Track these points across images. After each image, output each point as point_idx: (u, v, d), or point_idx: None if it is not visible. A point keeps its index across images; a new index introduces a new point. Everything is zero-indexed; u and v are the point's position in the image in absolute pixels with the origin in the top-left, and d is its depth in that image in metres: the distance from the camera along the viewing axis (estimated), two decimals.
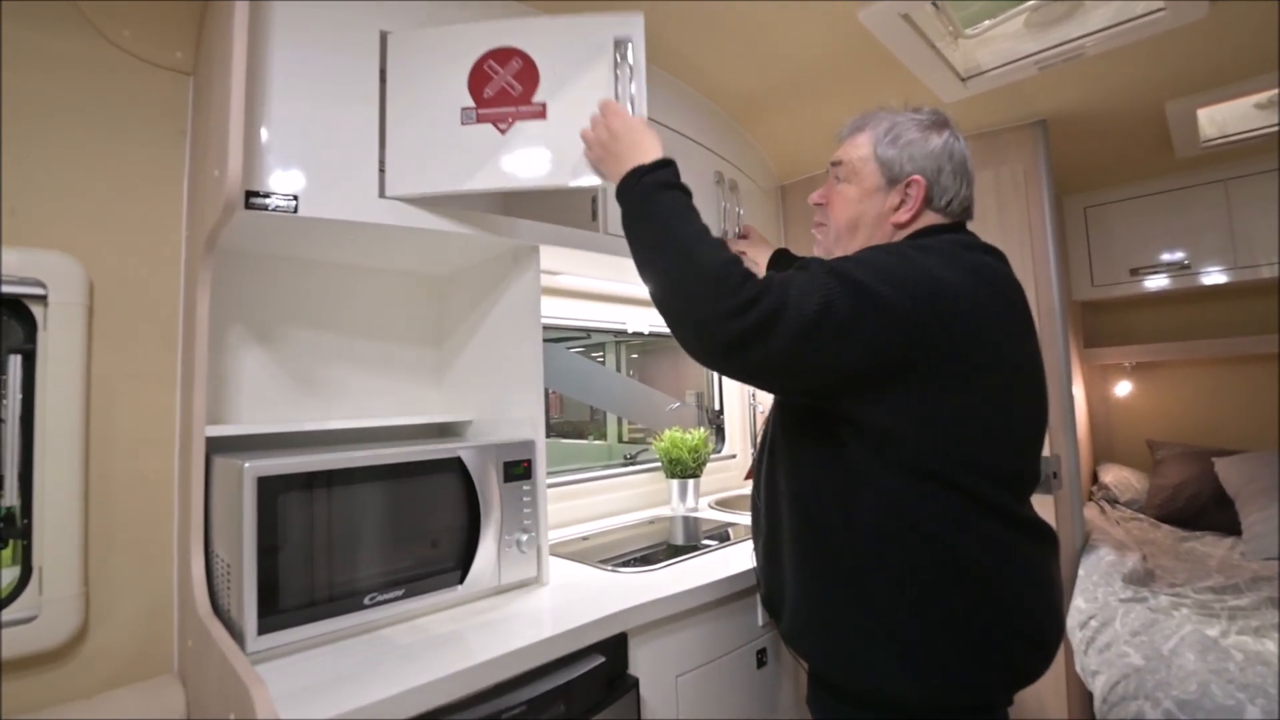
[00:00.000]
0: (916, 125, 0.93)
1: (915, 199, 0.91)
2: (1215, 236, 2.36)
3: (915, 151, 0.92)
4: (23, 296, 0.99)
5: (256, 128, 0.93)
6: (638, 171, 0.93)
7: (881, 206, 0.93)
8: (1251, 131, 2.02)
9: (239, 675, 0.74)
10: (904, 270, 0.79)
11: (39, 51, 1.03)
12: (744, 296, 0.75)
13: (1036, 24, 1.47)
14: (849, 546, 0.83)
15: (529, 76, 1.09)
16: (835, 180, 0.99)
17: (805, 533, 0.89)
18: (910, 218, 0.92)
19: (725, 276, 0.77)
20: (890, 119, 0.95)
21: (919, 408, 0.78)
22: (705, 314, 0.76)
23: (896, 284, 0.76)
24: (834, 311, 0.74)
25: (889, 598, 0.80)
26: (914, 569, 0.79)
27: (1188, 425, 2.71)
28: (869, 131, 0.96)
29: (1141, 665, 1.35)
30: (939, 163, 0.92)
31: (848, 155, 0.97)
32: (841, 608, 0.84)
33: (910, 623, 0.79)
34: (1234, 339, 2.46)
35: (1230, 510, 2.15)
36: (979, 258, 0.88)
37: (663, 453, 1.92)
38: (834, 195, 0.99)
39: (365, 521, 0.98)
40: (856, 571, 0.82)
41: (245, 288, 1.21)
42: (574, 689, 0.92)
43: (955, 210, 0.93)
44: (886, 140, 0.93)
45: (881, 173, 0.93)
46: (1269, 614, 1.45)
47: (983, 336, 0.80)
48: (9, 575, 0.99)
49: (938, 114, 0.96)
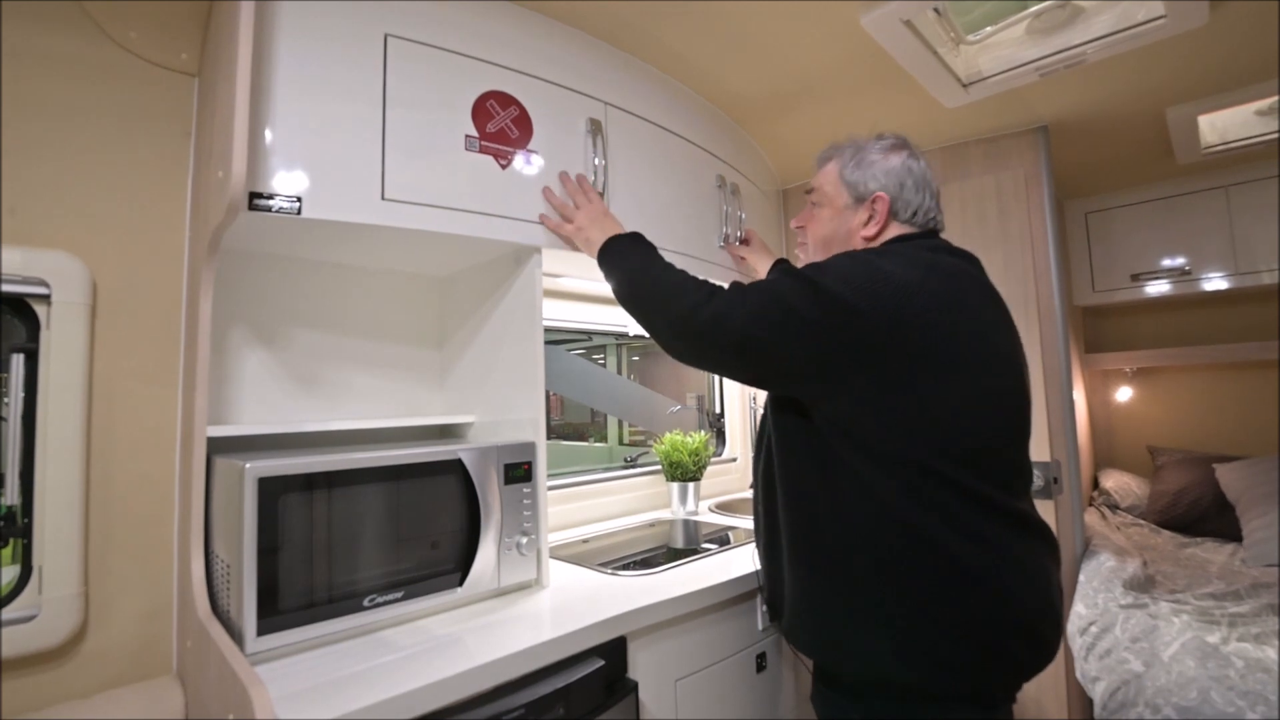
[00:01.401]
0: (878, 149, 1.05)
1: (881, 213, 1.02)
2: (1216, 242, 2.36)
3: (877, 171, 1.03)
4: (26, 296, 0.99)
5: (261, 129, 0.94)
6: (616, 239, 1.16)
7: (851, 223, 1.04)
8: (1252, 138, 2.02)
9: (238, 676, 0.74)
10: (855, 269, 0.88)
11: (45, 53, 1.04)
12: (704, 292, 0.95)
13: (1038, 30, 1.47)
14: (835, 535, 0.88)
15: (525, 125, 1.24)
16: (811, 206, 1.12)
17: (797, 525, 0.93)
18: (877, 231, 1.02)
19: (686, 280, 1.00)
20: (853, 146, 1.07)
21: (879, 397, 0.84)
22: (676, 308, 0.96)
23: (845, 280, 0.86)
24: (782, 300, 0.87)
25: (876, 584, 0.84)
26: (895, 555, 0.84)
27: (1189, 431, 2.71)
28: (835, 160, 1.08)
29: (1142, 671, 1.35)
30: (900, 179, 1.02)
31: (819, 183, 1.10)
32: (832, 596, 0.88)
33: (896, 608, 0.83)
34: (1235, 345, 2.46)
35: (1231, 516, 2.14)
36: (940, 257, 0.95)
37: (663, 455, 1.92)
38: (810, 218, 1.12)
39: (365, 523, 0.98)
40: (844, 560, 0.87)
41: (248, 288, 1.22)
42: (573, 692, 0.92)
43: (920, 221, 1.03)
44: (851, 164, 1.05)
45: (849, 193, 1.05)
46: (1269, 621, 1.44)
47: (941, 328, 0.86)
48: (9, 574, 0.99)
49: (897, 137, 1.07)
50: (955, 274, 0.93)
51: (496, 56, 1.21)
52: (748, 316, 0.88)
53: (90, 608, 1.02)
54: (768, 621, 1.28)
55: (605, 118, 1.39)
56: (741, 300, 0.90)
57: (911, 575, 0.83)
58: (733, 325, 0.89)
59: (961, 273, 0.94)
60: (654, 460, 2.00)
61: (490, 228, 1.16)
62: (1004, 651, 0.83)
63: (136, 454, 1.09)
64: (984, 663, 0.83)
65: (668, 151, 1.56)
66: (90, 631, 1.02)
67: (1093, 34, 1.43)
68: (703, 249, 1.63)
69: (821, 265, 0.91)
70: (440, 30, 1.14)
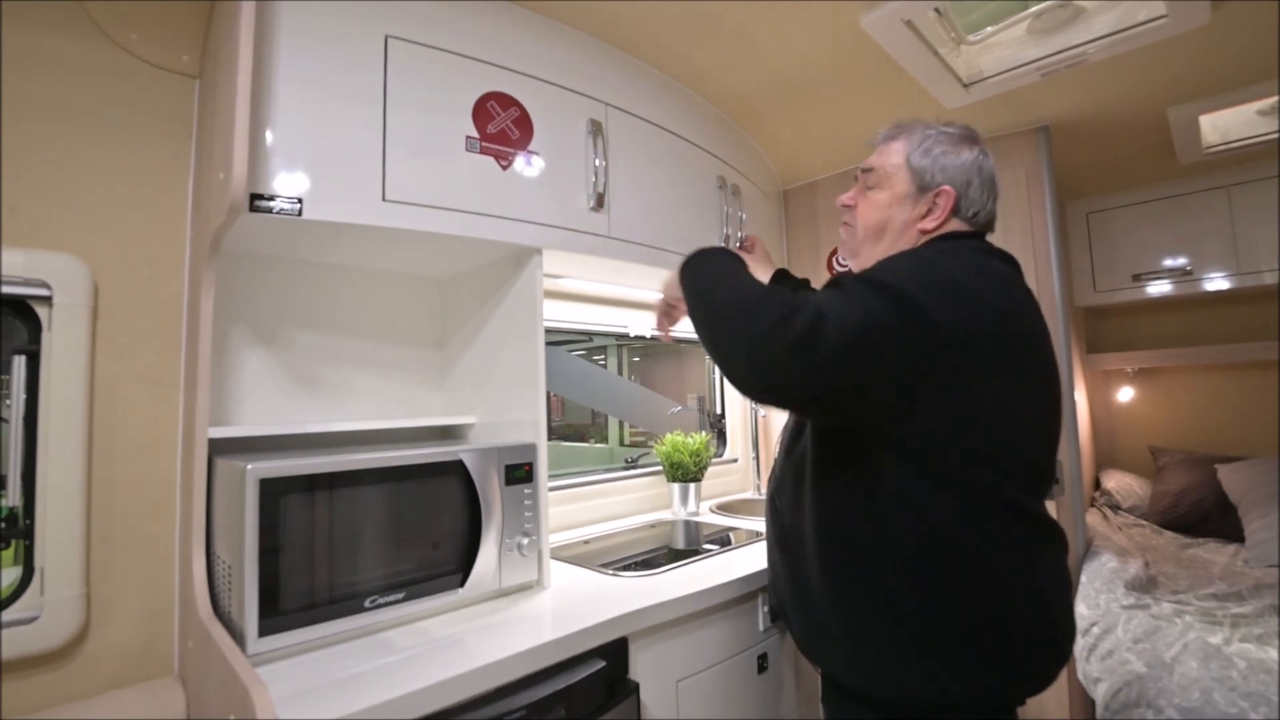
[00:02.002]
0: (949, 139, 0.97)
1: (943, 208, 0.94)
2: (1218, 242, 2.36)
3: (947, 163, 0.95)
4: (27, 297, 1.00)
5: (261, 130, 0.94)
6: (697, 253, 0.97)
7: (910, 213, 0.96)
8: (1254, 138, 2.02)
9: (239, 677, 0.74)
10: (932, 277, 0.81)
11: (46, 54, 1.04)
12: (786, 309, 0.75)
13: (1039, 30, 1.47)
14: (875, 557, 0.83)
15: (525, 126, 1.24)
16: (864, 186, 1.02)
17: (830, 545, 0.88)
18: (936, 225, 0.95)
19: (765, 297, 0.79)
20: (923, 130, 0.98)
21: (950, 415, 0.79)
22: (752, 333, 0.76)
23: (927, 288, 0.78)
24: (874, 316, 0.75)
25: (917, 607, 0.80)
26: (943, 578, 0.80)
27: (1190, 431, 2.70)
28: (903, 140, 0.99)
29: (1144, 673, 1.34)
30: (969, 175, 0.95)
31: (880, 162, 1.00)
32: (870, 618, 0.84)
33: (938, 631, 0.80)
34: (1236, 345, 2.46)
35: (1233, 517, 2.14)
36: (993, 262, 0.90)
37: (664, 456, 1.92)
38: (862, 199, 1.02)
39: (367, 524, 0.98)
40: (884, 581, 0.82)
41: (249, 289, 1.22)
42: (574, 693, 0.92)
43: (980, 221, 0.97)
44: (920, 150, 0.97)
45: (913, 180, 0.96)
46: (1271, 621, 1.44)
47: (1004, 340, 0.82)
48: (11, 575, 0.99)
49: (969, 130, 0.99)
50: (1008, 281, 0.89)
51: (497, 57, 1.21)
52: (840, 341, 0.73)
53: (92, 609, 1.02)
54: (769, 623, 1.28)
55: (606, 118, 1.39)
56: (822, 318, 0.74)
57: (957, 598, 0.79)
58: (824, 352, 0.73)
59: (1012, 280, 0.90)
60: (655, 461, 2.00)
61: (491, 229, 1.16)
62: (1039, 668, 0.83)
63: (138, 455, 1.09)
64: (1020, 681, 0.82)
65: (668, 152, 1.56)
66: (92, 633, 1.02)
67: (1094, 34, 1.43)
68: None
69: (899, 272, 0.81)
70: (441, 31, 1.14)
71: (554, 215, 1.27)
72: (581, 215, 1.32)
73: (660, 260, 1.48)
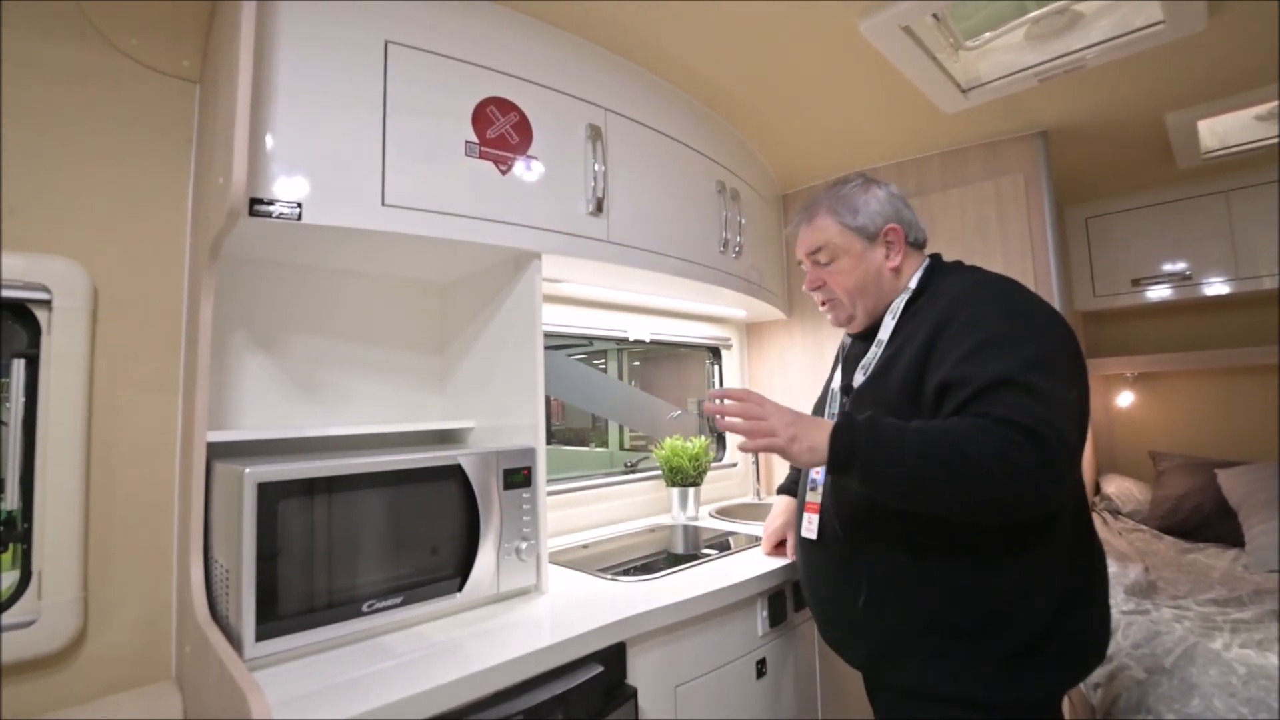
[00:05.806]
0: (857, 189, 1.08)
1: (898, 242, 1.05)
2: (1217, 247, 2.36)
3: (872, 208, 1.06)
4: (27, 301, 1.00)
5: (261, 135, 0.94)
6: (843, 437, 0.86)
7: (875, 261, 1.06)
8: (1252, 143, 2.03)
9: (236, 681, 0.74)
10: (1054, 322, 0.90)
11: (47, 59, 1.04)
12: (1029, 453, 0.77)
13: (1037, 36, 1.48)
14: (963, 566, 0.89)
15: (525, 131, 1.24)
16: (818, 266, 1.10)
17: (911, 554, 0.92)
18: (901, 260, 1.05)
19: (1004, 452, 0.77)
20: (830, 197, 1.09)
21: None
22: (1020, 488, 0.78)
23: (1059, 331, 0.89)
24: (1073, 408, 0.83)
25: (1005, 616, 0.87)
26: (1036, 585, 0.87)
27: (1190, 436, 2.70)
28: (823, 214, 1.09)
29: (1144, 678, 1.34)
30: (894, 206, 1.06)
31: (821, 240, 1.09)
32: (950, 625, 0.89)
33: (1018, 639, 0.86)
34: (1236, 350, 2.46)
35: (1233, 522, 2.14)
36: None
37: (663, 460, 1.92)
38: (828, 276, 1.09)
39: (365, 528, 0.98)
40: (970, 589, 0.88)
41: (248, 294, 1.22)
42: (572, 698, 0.92)
43: (921, 240, 1.08)
44: (846, 212, 1.07)
45: (859, 237, 1.06)
46: (1272, 627, 1.44)
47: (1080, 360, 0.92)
48: (9, 579, 0.99)
49: (861, 174, 1.11)
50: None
51: (496, 63, 1.22)
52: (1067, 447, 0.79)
53: (90, 613, 1.02)
54: (768, 627, 1.28)
55: (605, 123, 1.39)
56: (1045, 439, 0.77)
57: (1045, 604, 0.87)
58: (1069, 457, 0.80)
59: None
60: (654, 465, 2.00)
61: (490, 233, 1.17)
62: (1088, 666, 0.93)
63: (137, 459, 1.09)
64: (1071, 681, 0.93)
65: (667, 157, 1.57)
66: (89, 637, 1.02)
67: (1092, 39, 1.44)
68: (703, 255, 1.63)
69: (1041, 338, 0.86)
70: (440, 37, 1.14)
71: (553, 220, 1.27)
72: (580, 220, 1.33)
73: (659, 264, 1.49)
